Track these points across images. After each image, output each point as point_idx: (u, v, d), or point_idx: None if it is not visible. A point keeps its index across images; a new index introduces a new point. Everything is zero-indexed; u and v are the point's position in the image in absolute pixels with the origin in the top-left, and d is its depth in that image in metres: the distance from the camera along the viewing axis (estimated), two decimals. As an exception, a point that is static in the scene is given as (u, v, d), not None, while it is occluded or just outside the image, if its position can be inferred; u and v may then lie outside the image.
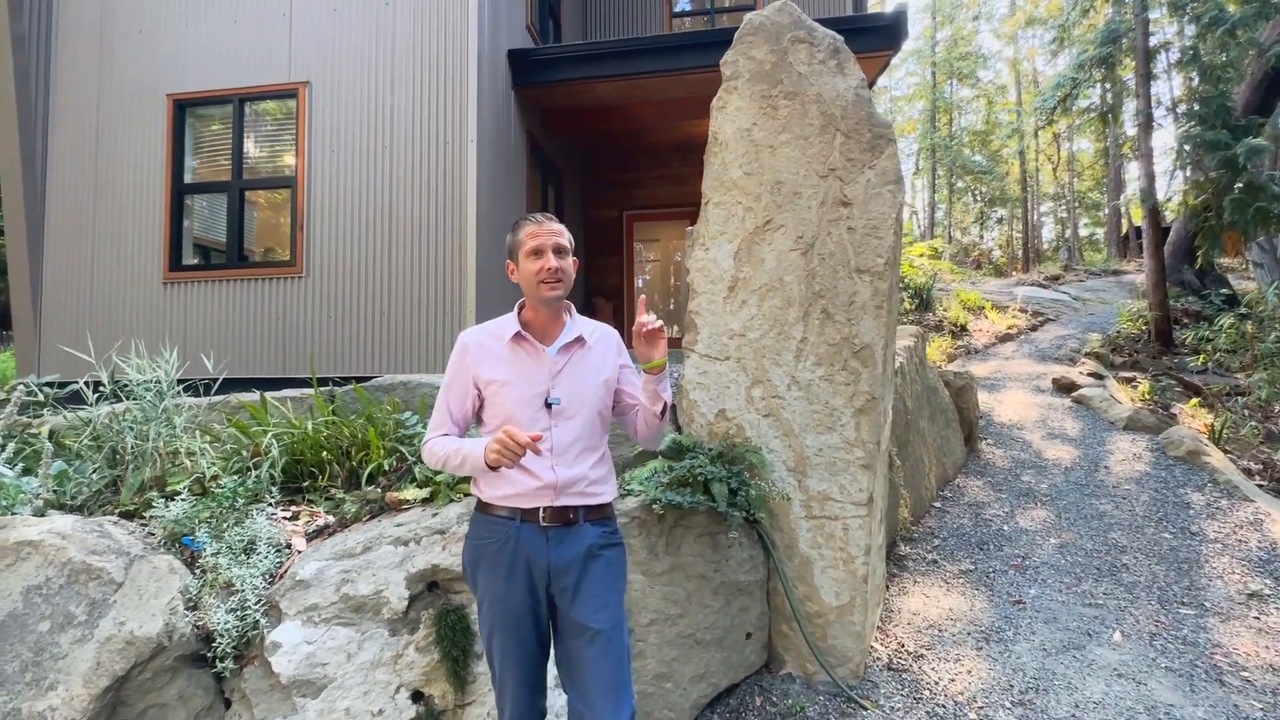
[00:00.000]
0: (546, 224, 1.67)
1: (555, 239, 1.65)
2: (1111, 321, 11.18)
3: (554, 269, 1.62)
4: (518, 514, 1.59)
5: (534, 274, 1.62)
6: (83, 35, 5.71)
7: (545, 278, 1.62)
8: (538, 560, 1.57)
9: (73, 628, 1.93)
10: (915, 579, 3.62)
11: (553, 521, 1.58)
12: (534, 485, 1.58)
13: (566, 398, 1.63)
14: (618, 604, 1.63)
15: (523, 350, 1.66)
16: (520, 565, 1.58)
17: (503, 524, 1.60)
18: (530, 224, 1.67)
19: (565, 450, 1.61)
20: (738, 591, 2.54)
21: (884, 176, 2.80)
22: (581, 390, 1.65)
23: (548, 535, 1.58)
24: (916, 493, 4.42)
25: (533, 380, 1.63)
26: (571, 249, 1.71)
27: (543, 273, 1.62)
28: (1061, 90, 12.15)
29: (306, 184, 5.32)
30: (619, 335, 1.84)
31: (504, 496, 1.60)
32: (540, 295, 1.64)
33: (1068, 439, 6.10)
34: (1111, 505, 4.65)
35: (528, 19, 6.48)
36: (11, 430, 2.70)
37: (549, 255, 1.62)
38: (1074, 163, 26.88)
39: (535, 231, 1.65)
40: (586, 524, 1.62)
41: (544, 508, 1.58)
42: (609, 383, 1.72)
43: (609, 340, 1.79)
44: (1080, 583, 3.58)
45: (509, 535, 1.59)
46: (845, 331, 2.66)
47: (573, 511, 1.60)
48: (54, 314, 5.57)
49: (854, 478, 2.57)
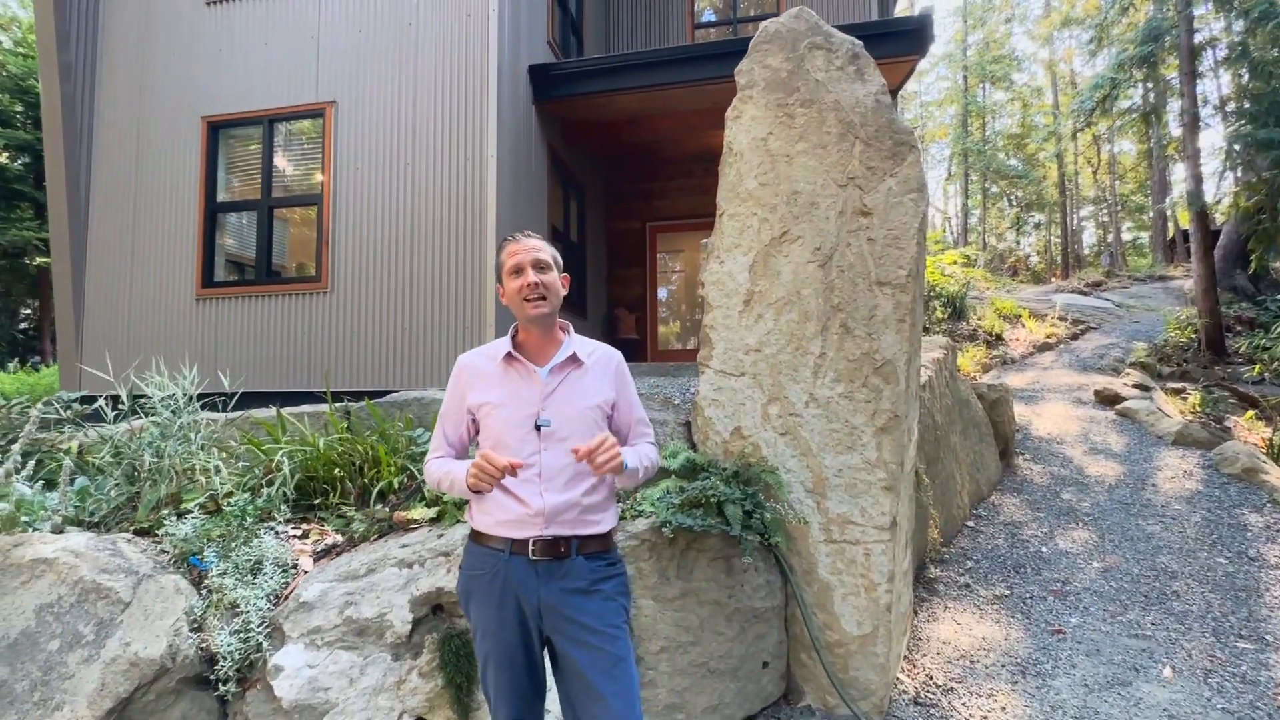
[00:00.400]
0: (524, 240, 1.64)
1: (534, 254, 1.62)
2: (1158, 329, 10.68)
3: (534, 284, 1.58)
4: (508, 545, 1.54)
5: (517, 292, 1.60)
6: (124, 63, 5.95)
7: (527, 294, 1.58)
8: (527, 596, 1.51)
9: (81, 647, 1.94)
10: (946, 604, 3.45)
11: (543, 555, 1.52)
12: (523, 512, 1.52)
13: (558, 420, 1.57)
14: (619, 636, 1.56)
15: (514, 371, 1.62)
16: (510, 600, 1.52)
17: (492, 556, 1.55)
18: (510, 243, 1.65)
19: (555, 475, 1.54)
20: (753, 618, 2.43)
21: (906, 185, 2.69)
22: (574, 412, 1.59)
23: (537, 570, 1.52)
24: (947, 511, 4.24)
25: (523, 401, 1.58)
26: (556, 264, 1.67)
27: (524, 289, 1.58)
28: (1100, 91, 11.75)
29: (332, 201, 5.42)
30: (621, 357, 1.77)
31: (495, 524, 1.55)
32: (525, 314, 1.60)
33: (1111, 454, 5.81)
34: (1160, 526, 4.39)
35: (549, 35, 6.53)
36: (35, 447, 2.77)
37: (529, 271, 1.59)
38: (1115, 165, 25.98)
39: (514, 249, 1.62)
40: (580, 558, 1.55)
41: (534, 539, 1.52)
42: (605, 406, 1.65)
43: (608, 362, 1.72)
44: (1126, 611, 3.36)
45: (498, 568, 1.53)
46: (866, 347, 2.55)
47: (564, 544, 1.53)
48: (94, 331, 5.77)
49: (876, 500, 2.45)
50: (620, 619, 1.58)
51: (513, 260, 1.61)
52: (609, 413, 1.68)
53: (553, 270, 1.64)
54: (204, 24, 5.84)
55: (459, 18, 5.31)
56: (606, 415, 1.67)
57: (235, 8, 5.80)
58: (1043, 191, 25.89)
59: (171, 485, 2.61)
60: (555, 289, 1.63)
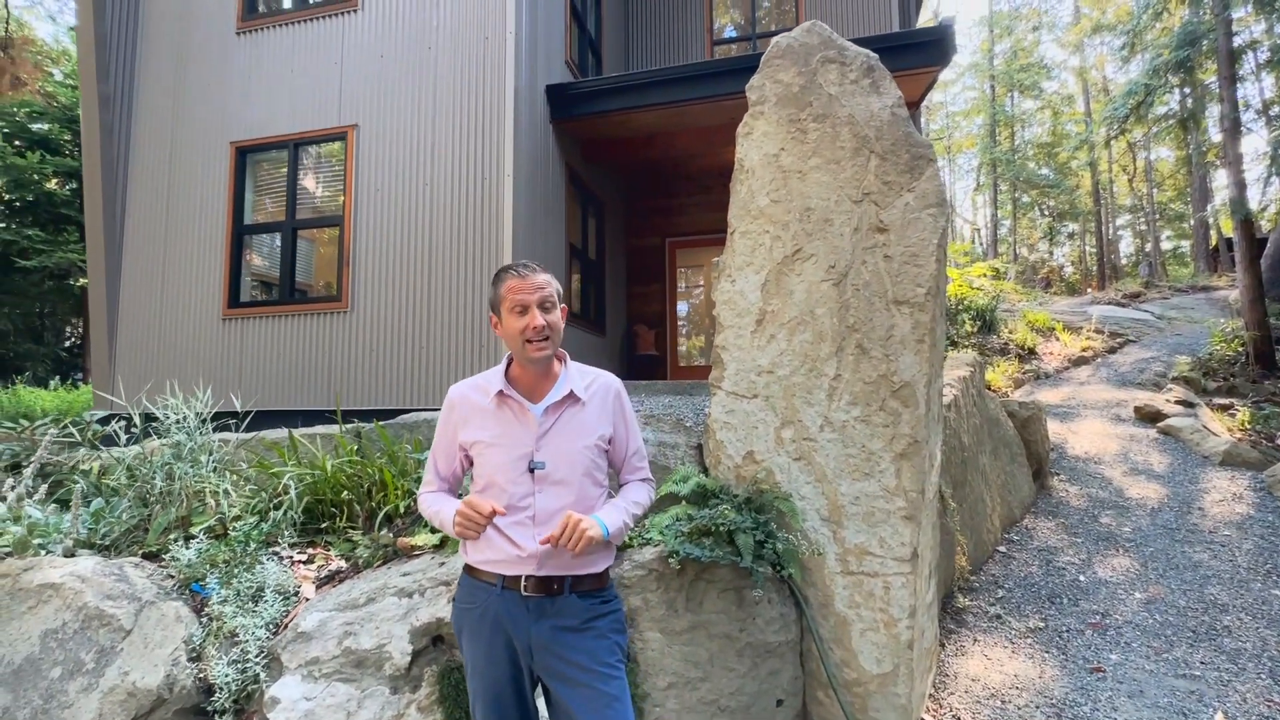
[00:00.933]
0: (530, 276, 1.51)
1: (540, 293, 1.50)
2: (1202, 342, 10.22)
3: (540, 327, 1.48)
4: (500, 580, 1.49)
5: (519, 333, 1.49)
6: (159, 92, 6.17)
7: (531, 336, 1.49)
8: (518, 634, 1.46)
9: (81, 675, 1.93)
10: (975, 637, 3.27)
11: (535, 591, 1.46)
12: (516, 554, 1.47)
13: (553, 461, 1.50)
14: (613, 675, 1.48)
15: (507, 409, 1.55)
16: (500, 637, 1.47)
17: (484, 590, 1.50)
18: (512, 277, 1.52)
19: (549, 519, 1.48)
20: (766, 653, 2.32)
21: (924, 200, 2.59)
22: (570, 452, 1.53)
23: (529, 605, 1.46)
24: (977, 536, 4.06)
25: (516, 442, 1.52)
26: (559, 297, 1.57)
27: (528, 331, 1.48)
28: (1134, 98, 11.42)
29: (353, 222, 5.50)
30: (621, 386, 1.70)
31: (487, 561, 1.50)
32: (526, 355, 1.51)
33: (1154, 475, 5.52)
34: (1208, 554, 4.13)
35: (567, 55, 6.58)
36: (57, 468, 2.81)
37: (534, 312, 1.49)
38: (1152, 172, 25.20)
39: (518, 286, 1.50)
40: (573, 595, 1.49)
41: (526, 576, 1.47)
42: (602, 442, 1.59)
43: (607, 393, 1.65)
44: (1172, 648, 3.14)
45: (489, 603, 1.48)
46: (883, 368, 2.45)
47: (557, 582, 1.47)
48: (126, 350, 5.93)
49: (895, 530, 2.33)
50: (614, 657, 1.50)
51: (516, 298, 1.49)
52: (606, 448, 1.62)
53: (556, 309, 1.54)
54: (234, 52, 6.03)
55: (477, 41, 5.39)
56: (604, 451, 1.61)
57: (264, 36, 5.98)
58: (1076, 200, 25.22)
59: (182, 508, 2.62)
60: (559, 329, 1.54)
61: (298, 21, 5.90)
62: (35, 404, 7.78)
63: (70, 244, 12.76)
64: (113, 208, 6.02)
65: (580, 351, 6.53)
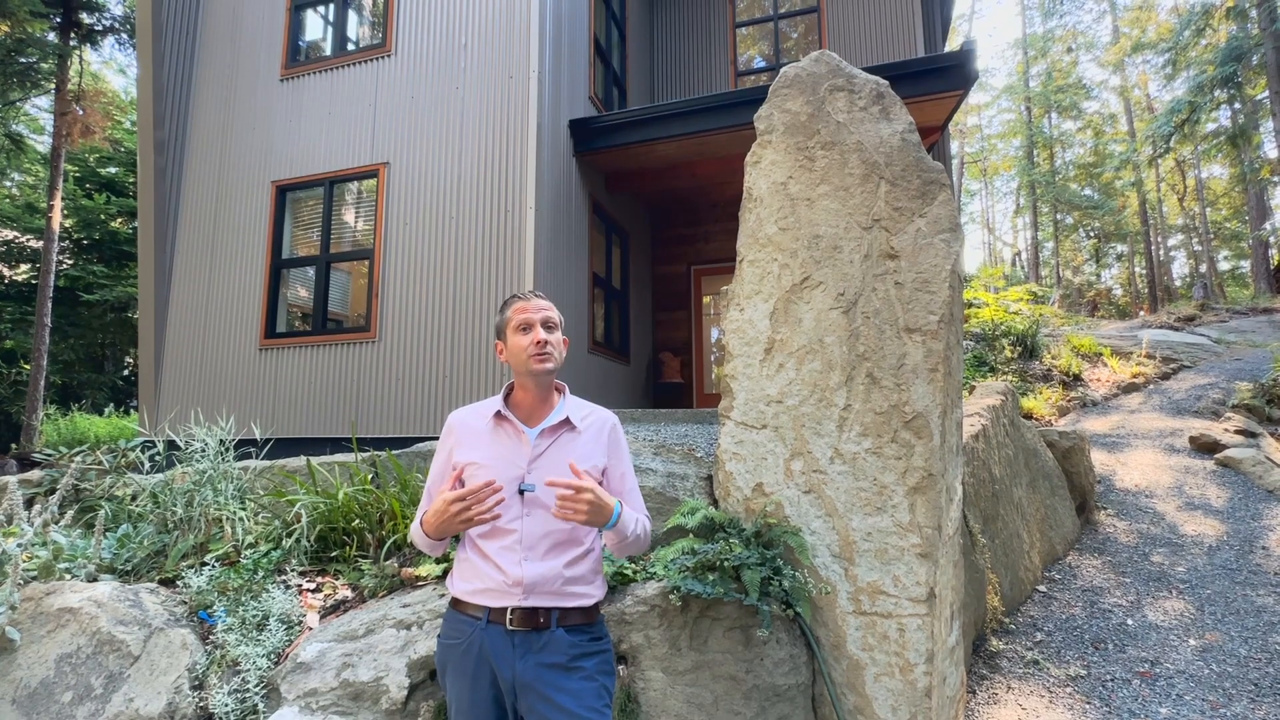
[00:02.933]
0: (535, 300, 1.63)
1: (544, 313, 1.61)
2: (1265, 367, 9.61)
3: (542, 341, 1.56)
4: (485, 614, 1.46)
5: (523, 348, 1.57)
6: (209, 136, 6.57)
7: (534, 350, 1.55)
8: (502, 670, 1.42)
9: (90, 700, 1.97)
10: (1010, 684, 3.07)
11: (520, 625, 1.43)
12: (501, 580, 1.45)
13: (543, 485, 1.50)
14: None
15: (502, 431, 1.58)
16: (484, 673, 1.44)
17: (469, 624, 1.48)
18: (518, 300, 1.64)
19: (535, 543, 1.47)
20: (775, 697, 2.22)
21: (936, 225, 2.53)
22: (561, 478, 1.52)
23: (514, 641, 1.43)
24: (1013, 574, 3.84)
25: (508, 463, 1.53)
26: (561, 326, 1.66)
27: (532, 346, 1.55)
28: (1178, 115, 11.08)
29: (382, 255, 5.69)
30: (616, 421, 1.71)
31: (473, 592, 1.48)
32: (530, 368, 1.56)
33: (1211, 510, 5.17)
34: (1273, 598, 3.81)
35: (590, 90, 6.76)
36: (84, 495, 2.92)
37: (538, 329, 1.57)
38: (1204, 190, 24.21)
39: (523, 307, 1.61)
40: (560, 630, 1.45)
41: (511, 609, 1.44)
42: (594, 472, 1.58)
43: (603, 427, 1.66)
44: (1231, 702, 2.89)
45: (474, 638, 1.45)
46: (894, 398, 2.37)
47: (543, 615, 1.45)
48: (171, 379, 6.21)
49: (909, 568, 2.22)
50: (601, 702, 1.46)
51: (522, 316, 1.60)
52: (599, 479, 1.61)
53: (558, 331, 1.63)
54: (277, 98, 6.38)
55: (502, 81, 5.58)
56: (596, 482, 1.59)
57: (305, 81, 6.33)
58: (1122, 221, 24.38)
59: (201, 534, 2.69)
60: (560, 350, 1.62)
61: (336, 68, 6.23)
62: (89, 430, 8.18)
63: (130, 279, 13.55)
64: (164, 244, 6.38)
65: (604, 379, 6.54)
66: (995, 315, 10.05)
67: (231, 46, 6.68)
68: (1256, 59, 9.85)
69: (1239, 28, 10.58)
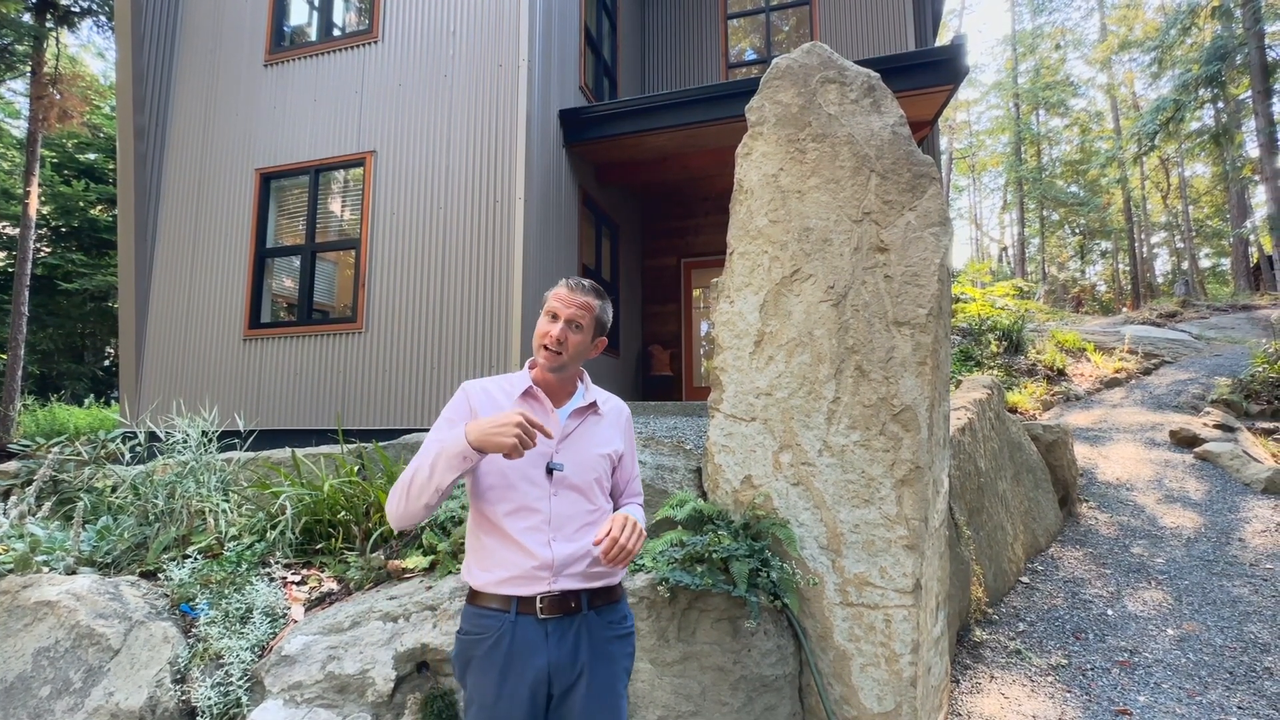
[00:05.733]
0: (578, 295, 1.53)
1: (573, 310, 1.52)
2: (1243, 363, 9.79)
3: (556, 338, 1.50)
4: (513, 605, 1.41)
5: (540, 336, 1.52)
6: (191, 122, 6.43)
7: (546, 342, 1.51)
8: (536, 661, 1.37)
9: (68, 695, 1.93)
10: (992, 673, 3.11)
11: (552, 612, 1.40)
12: (529, 564, 1.41)
13: (570, 465, 1.49)
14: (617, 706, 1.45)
15: (529, 408, 1.53)
16: (515, 668, 1.37)
17: (495, 618, 1.41)
18: (562, 287, 1.56)
19: (564, 523, 1.45)
20: (762, 687, 2.23)
21: (926, 219, 2.54)
22: (587, 459, 1.52)
23: (547, 630, 1.40)
24: (996, 565, 3.89)
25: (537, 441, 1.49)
26: (598, 327, 1.57)
27: (546, 338, 1.51)
28: (1163, 114, 11.19)
29: (369, 244, 5.62)
30: (629, 414, 1.71)
31: (496, 582, 1.43)
32: (538, 359, 1.54)
33: (1190, 503, 5.26)
34: (1248, 588, 3.89)
35: (581, 81, 6.69)
36: (63, 487, 2.87)
37: (560, 324, 1.51)
38: (1187, 189, 24.54)
39: (562, 295, 1.54)
40: (591, 613, 1.44)
41: (540, 596, 1.40)
42: (613, 456, 1.58)
43: (619, 415, 1.66)
44: (1207, 690, 2.95)
45: (502, 632, 1.40)
46: (882, 391, 2.38)
47: (574, 599, 1.43)
48: (152, 370, 6.11)
49: (896, 560, 2.24)
50: (622, 684, 1.48)
51: (554, 304, 1.53)
52: (615, 464, 1.60)
53: (585, 333, 1.54)
54: (261, 84, 6.26)
55: (491, 70, 5.51)
56: (613, 466, 1.59)
57: (289, 68, 6.21)
58: (1107, 218, 24.66)
59: (183, 527, 2.65)
60: (577, 352, 1.54)
61: (322, 53, 6.12)
62: (68, 421, 8.03)
63: (110, 267, 13.30)
64: (144, 232, 6.25)
65: (595, 372, 6.53)
66: (982, 310, 10.15)
67: (214, 31, 6.54)
68: (1240, 58, 9.97)
69: (1224, 27, 10.69)
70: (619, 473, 1.63)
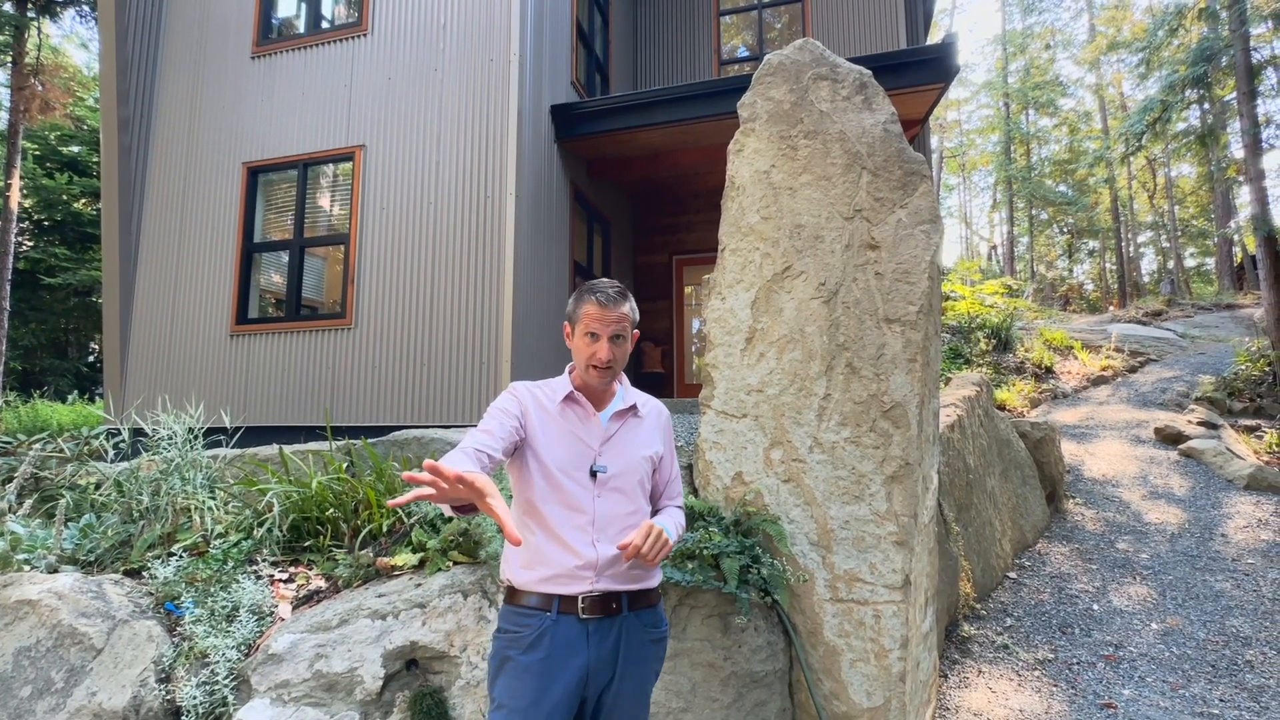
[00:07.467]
0: (611, 309, 1.48)
1: (614, 326, 1.48)
2: (1227, 362, 9.93)
3: (605, 360, 1.48)
4: (554, 604, 1.40)
5: (585, 358, 1.50)
6: (176, 114, 6.34)
7: (595, 364, 1.48)
8: (575, 661, 1.37)
9: (50, 695, 1.91)
10: (980, 668, 3.14)
11: (594, 613, 1.40)
12: (572, 564, 1.41)
13: (614, 467, 1.49)
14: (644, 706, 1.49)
15: (572, 413, 1.53)
16: (554, 671, 1.35)
17: (536, 618, 1.39)
18: (592, 303, 1.49)
19: (608, 524, 1.45)
20: (752, 683, 2.24)
21: (917, 216, 2.54)
22: (629, 461, 1.52)
23: (588, 630, 1.39)
24: (985, 561, 3.92)
25: (580, 444, 1.50)
26: (633, 324, 1.55)
27: (594, 359, 1.48)
28: (1150, 114, 11.27)
29: (358, 240, 5.57)
30: (669, 415, 1.71)
31: (539, 580, 1.41)
32: (587, 378, 1.52)
33: (1174, 499, 5.33)
34: (1231, 583, 3.95)
35: (573, 76, 6.66)
36: (45, 484, 2.82)
37: (605, 343, 1.48)
38: (1173, 189, 24.82)
39: (596, 315, 1.48)
40: (631, 615, 1.45)
41: (583, 595, 1.40)
42: (654, 458, 1.58)
43: (659, 416, 1.67)
44: (1190, 683, 2.99)
45: (542, 632, 1.38)
46: (873, 388, 2.38)
47: (616, 600, 1.43)
48: (137, 366, 6.03)
49: (886, 556, 2.25)
50: (651, 686, 1.51)
51: (591, 325, 1.48)
52: (656, 465, 1.61)
53: (627, 340, 1.54)
54: (248, 76, 6.18)
55: (482, 64, 5.47)
56: (654, 468, 1.60)
57: (277, 60, 6.13)
58: (1094, 217, 24.89)
59: (168, 525, 2.62)
60: (624, 359, 1.54)
61: (310, 46, 6.05)
62: (52, 418, 7.92)
63: (94, 262, 13.12)
64: (129, 226, 6.16)
65: (584, 369, 6.49)
66: (971, 308, 10.22)
67: (200, 21, 6.44)
68: (1226, 60, 10.06)
69: (1210, 29, 10.78)
70: (659, 474, 1.63)
